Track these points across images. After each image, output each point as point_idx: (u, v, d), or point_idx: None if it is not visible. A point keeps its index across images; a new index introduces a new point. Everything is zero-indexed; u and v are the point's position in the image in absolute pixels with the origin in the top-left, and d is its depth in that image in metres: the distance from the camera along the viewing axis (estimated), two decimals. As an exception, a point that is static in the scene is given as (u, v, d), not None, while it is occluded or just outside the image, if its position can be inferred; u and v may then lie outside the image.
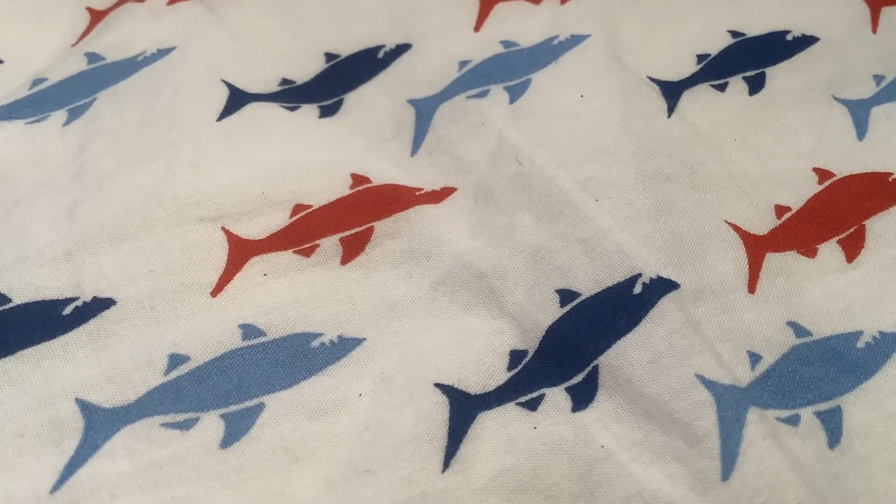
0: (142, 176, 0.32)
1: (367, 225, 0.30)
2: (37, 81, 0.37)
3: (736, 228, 0.30)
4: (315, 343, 0.28)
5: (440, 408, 0.26)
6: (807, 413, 0.26)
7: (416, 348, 0.28)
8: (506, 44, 0.38)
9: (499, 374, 0.27)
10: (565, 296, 0.28)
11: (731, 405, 0.25)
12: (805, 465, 0.24)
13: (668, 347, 0.26)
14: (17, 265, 0.29)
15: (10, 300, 0.28)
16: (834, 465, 0.25)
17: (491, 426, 0.26)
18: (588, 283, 0.28)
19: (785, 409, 0.26)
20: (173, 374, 0.27)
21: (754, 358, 0.27)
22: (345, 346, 0.28)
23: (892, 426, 0.26)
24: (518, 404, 0.26)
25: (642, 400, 0.26)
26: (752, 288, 0.29)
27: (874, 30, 0.37)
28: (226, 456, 0.25)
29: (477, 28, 0.39)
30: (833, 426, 0.26)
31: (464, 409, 0.26)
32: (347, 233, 0.30)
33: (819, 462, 0.25)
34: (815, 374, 0.27)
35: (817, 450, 0.25)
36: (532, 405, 0.26)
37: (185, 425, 0.26)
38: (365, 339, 0.28)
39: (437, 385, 0.27)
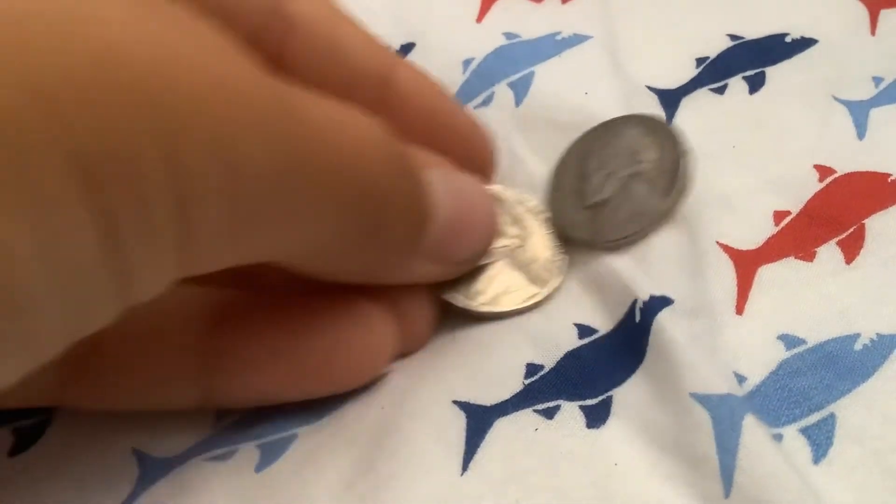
0: None
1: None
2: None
3: (726, 248, 0.31)
4: None
5: (458, 418, 0.27)
6: (791, 431, 0.26)
7: (432, 365, 0.29)
8: (508, 35, 0.38)
9: (514, 384, 0.28)
10: (584, 330, 0.29)
11: (727, 416, 0.25)
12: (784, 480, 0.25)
13: (667, 369, 0.27)
14: None
15: None
16: (818, 480, 0.25)
17: (509, 429, 0.27)
18: (603, 320, 0.29)
19: (770, 427, 0.26)
20: (220, 426, 0.28)
21: (740, 380, 0.27)
22: None
23: (888, 429, 0.26)
24: (535, 411, 0.27)
25: (650, 427, 0.27)
26: (740, 309, 0.29)
27: (873, 32, 0.37)
28: (259, 478, 0.27)
29: (479, 19, 0.40)
30: (820, 440, 0.26)
31: (481, 418, 0.27)
32: None
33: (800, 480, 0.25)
34: (806, 385, 0.27)
35: (800, 468, 0.25)
36: (549, 414, 0.27)
37: (224, 457, 0.27)
38: None
39: (455, 402, 0.28)
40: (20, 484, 0.27)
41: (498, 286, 0.30)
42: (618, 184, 0.30)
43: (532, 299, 0.29)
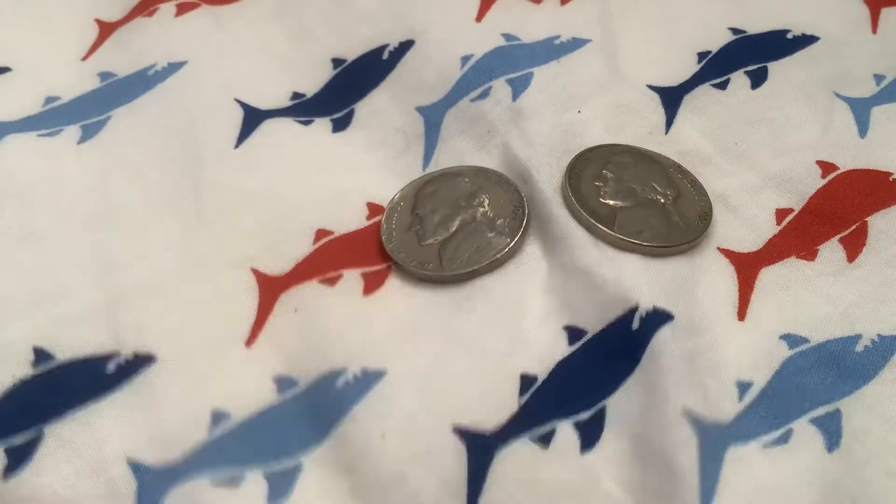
0: (170, 222, 0.32)
1: (385, 264, 0.31)
2: (49, 100, 0.37)
3: (727, 253, 0.31)
4: (340, 382, 0.28)
5: (459, 454, 0.27)
6: (802, 423, 0.26)
7: (434, 380, 0.28)
8: (507, 37, 0.38)
9: (511, 400, 0.28)
10: (573, 333, 0.29)
11: (713, 442, 0.26)
12: (793, 486, 0.25)
13: (663, 384, 0.27)
14: (57, 319, 0.29)
15: (53, 357, 0.28)
16: (834, 470, 0.25)
17: (509, 467, 0.27)
18: (592, 321, 0.29)
19: (775, 430, 0.26)
20: (217, 432, 0.27)
21: (743, 387, 0.27)
22: (367, 380, 0.28)
23: (889, 431, 0.26)
24: (532, 440, 0.27)
25: (640, 441, 0.26)
26: (741, 314, 0.29)
27: (874, 30, 0.37)
28: None
29: (478, 19, 0.39)
30: (832, 429, 0.26)
31: (482, 451, 0.27)
32: (368, 269, 0.31)
33: (812, 472, 0.25)
34: (811, 381, 0.27)
35: (813, 458, 0.26)
36: (545, 441, 0.27)
37: (233, 483, 0.27)
38: (386, 371, 0.28)
39: (455, 431, 0.27)
40: None
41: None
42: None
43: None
